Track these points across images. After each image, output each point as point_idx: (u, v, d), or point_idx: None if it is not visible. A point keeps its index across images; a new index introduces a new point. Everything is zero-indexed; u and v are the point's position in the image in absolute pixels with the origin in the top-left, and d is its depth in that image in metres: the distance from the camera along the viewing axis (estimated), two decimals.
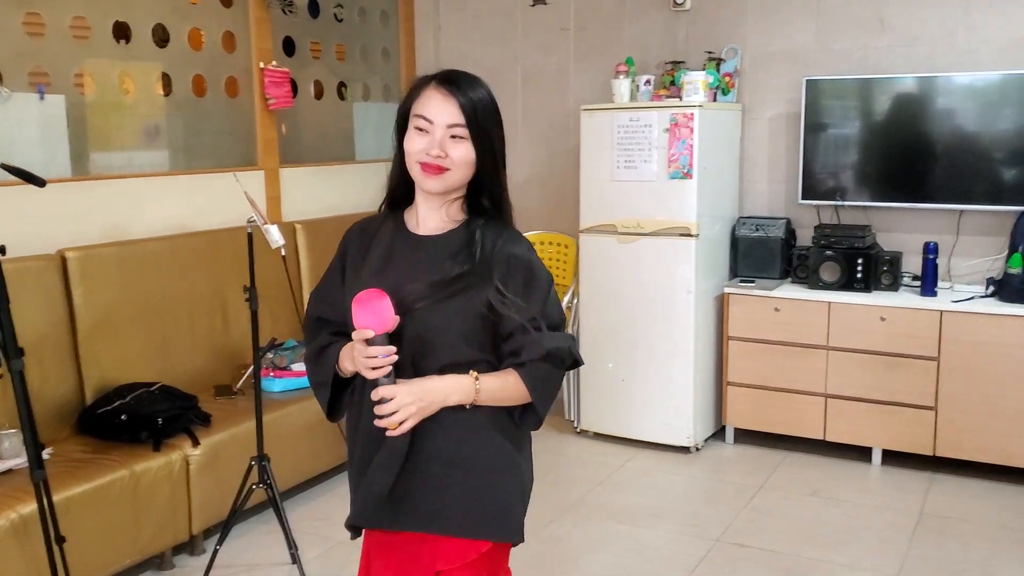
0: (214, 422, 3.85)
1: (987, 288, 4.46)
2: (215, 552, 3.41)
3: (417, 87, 1.87)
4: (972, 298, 4.39)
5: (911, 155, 4.63)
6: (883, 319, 4.44)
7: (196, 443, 3.68)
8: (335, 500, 4.24)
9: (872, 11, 4.75)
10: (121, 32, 4.18)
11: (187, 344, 4.25)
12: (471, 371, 1.84)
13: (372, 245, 1.94)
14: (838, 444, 4.66)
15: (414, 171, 1.85)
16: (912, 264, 4.69)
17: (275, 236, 3.26)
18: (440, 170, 1.82)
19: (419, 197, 1.93)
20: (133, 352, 4.00)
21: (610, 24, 5.39)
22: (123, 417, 3.66)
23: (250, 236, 3.34)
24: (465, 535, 1.87)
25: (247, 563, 3.67)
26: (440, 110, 1.81)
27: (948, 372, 4.33)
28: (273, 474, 3.46)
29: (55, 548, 2.93)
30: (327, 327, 2.00)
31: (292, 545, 3.38)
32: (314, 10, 5.26)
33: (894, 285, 4.59)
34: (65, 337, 3.78)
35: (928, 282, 4.48)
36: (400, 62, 5.90)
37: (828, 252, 4.66)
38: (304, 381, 4.32)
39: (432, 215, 1.92)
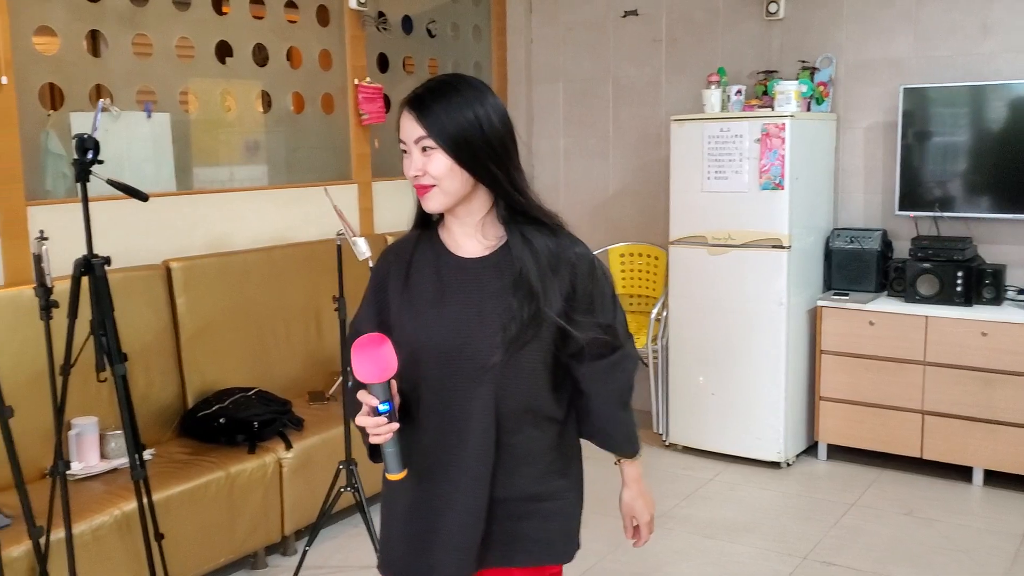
0: (306, 427, 3.98)
1: None
2: (304, 553, 3.52)
3: (399, 115, 1.80)
4: None
5: (1015, 164, 4.48)
6: (984, 334, 4.30)
7: (289, 446, 3.81)
8: None
9: (974, 17, 4.62)
10: (223, 52, 4.37)
11: (283, 351, 4.40)
12: (617, 456, 1.96)
13: (412, 270, 1.83)
14: (936, 463, 4.52)
15: (416, 194, 1.82)
16: (1016, 277, 4.53)
17: (362, 248, 3.35)
18: (426, 189, 1.76)
19: (447, 218, 1.84)
20: (232, 358, 4.16)
21: (702, 34, 5.36)
22: (221, 420, 3.82)
23: (339, 248, 3.44)
24: (546, 563, 1.88)
25: (336, 565, 3.78)
26: (405, 129, 1.76)
27: None
28: (360, 478, 3.55)
29: (154, 545, 3.08)
30: None
31: (378, 548, 3.45)
32: (408, 26, 5.39)
33: (997, 299, 4.44)
34: (169, 343, 3.96)
35: None
36: (492, 76, 5.98)
37: (926, 264, 4.54)
38: None
39: (468, 237, 1.83)
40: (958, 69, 4.67)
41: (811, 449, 4.93)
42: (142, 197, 3.00)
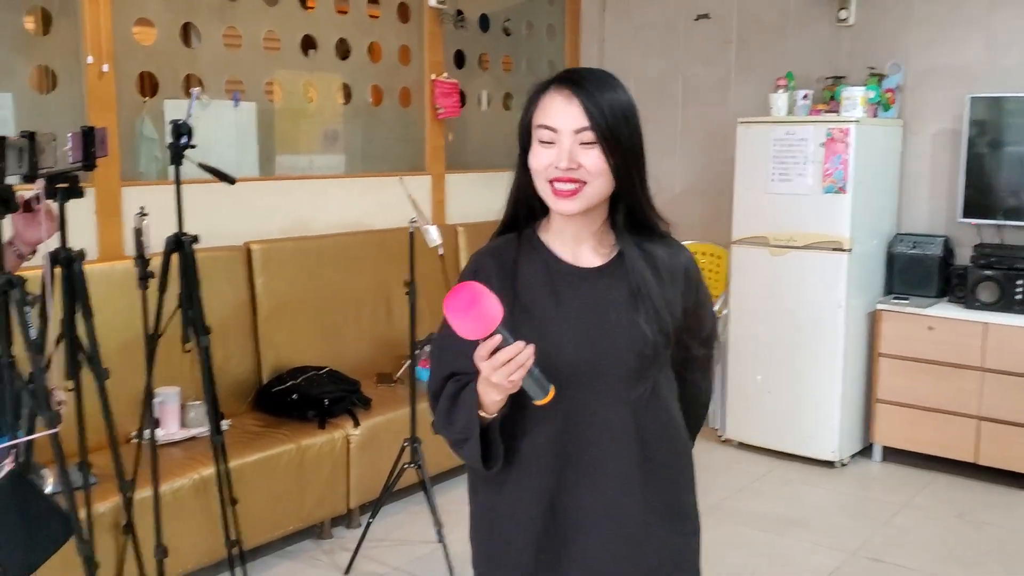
0: (374, 406, 4.16)
1: None
2: (368, 525, 3.70)
3: (535, 94, 1.62)
4: None
5: None
6: None
7: (357, 424, 3.99)
8: None
9: None
10: (308, 45, 4.58)
11: (353, 333, 4.60)
12: None
13: (519, 280, 1.65)
14: (991, 468, 4.55)
15: (544, 192, 1.61)
16: None
17: (433, 236, 3.52)
18: (574, 191, 1.57)
19: (559, 222, 1.66)
20: (305, 337, 4.37)
21: (772, 38, 5.43)
22: (294, 396, 4.02)
23: (411, 236, 3.62)
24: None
25: (397, 539, 3.96)
26: (563, 114, 1.56)
27: None
28: (423, 456, 3.72)
29: (229, 508, 3.29)
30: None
31: (438, 523, 3.62)
32: (484, 24, 5.55)
33: None
34: (247, 321, 4.18)
35: None
36: None
37: (987, 272, 4.56)
38: None
39: (583, 244, 1.68)
40: None
41: (866, 450, 4.98)
42: (230, 180, 3.21)
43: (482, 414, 1.58)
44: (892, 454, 4.91)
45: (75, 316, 2.59)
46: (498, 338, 1.45)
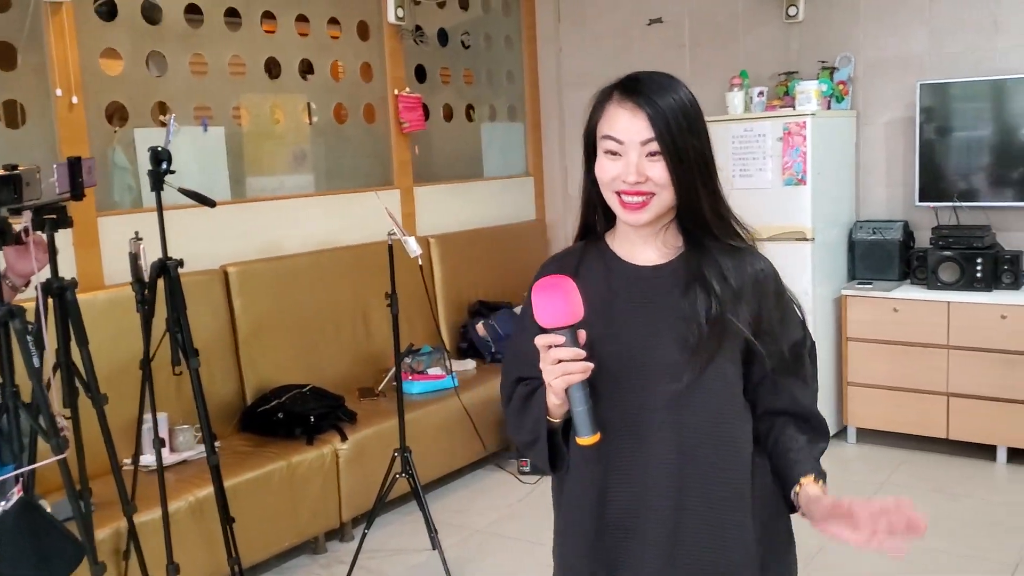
0: (359, 420, 4.21)
1: None
2: (364, 535, 3.74)
3: (599, 103, 1.62)
4: None
5: None
6: (1004, 317, 4.47)
7: (344, 438, 4.04)
8: (469, 494, 4.55)
9: (986, 13, 4.80)
10: (272, 68, 4.62)
11: (333, 350, 4.64)
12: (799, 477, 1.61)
13: (578, 278, 1.59)
14: (962, 443, 4.69)
15: (612, 203, 1.59)
16: None
17: (413, 246, 3.58)
18: (642, 204, 1.56)
19: (625, 227, 1.65)
20: (286, 357, 4.41)
21: (724, 39, 5.57)
22: (280, 415, 4.06)
23: (390, 247, 3.68)
24: None
25: (392, 548, 4.00)
26: (628, 127, 1.55)
27: None
28: (414, 464, 3.77)
29: (228, 527, 3.32)
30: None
31: (432, 529, 3.67)
32: (443, 39, 5.63)
33: (1015, 284, 4.61)
34: (228, 344, 4.21)
35: None
36: (524, 83, 6.22)
37: (946, 253, 4.71)
38: (440, 383, 4.66)
39: (645, 245, 1.65)
40: (972, 64, 4.85)
41: (840, 433, 5.11)
42: (210, 203, 3.25)
43: (549, 419, 1.59)
44: (866, 435, 5.04)
45: (69, 344, 2.62)
46: (561, 338, 1.45)
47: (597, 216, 1.70)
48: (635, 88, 1.57)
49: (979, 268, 4.63)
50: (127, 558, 3.11)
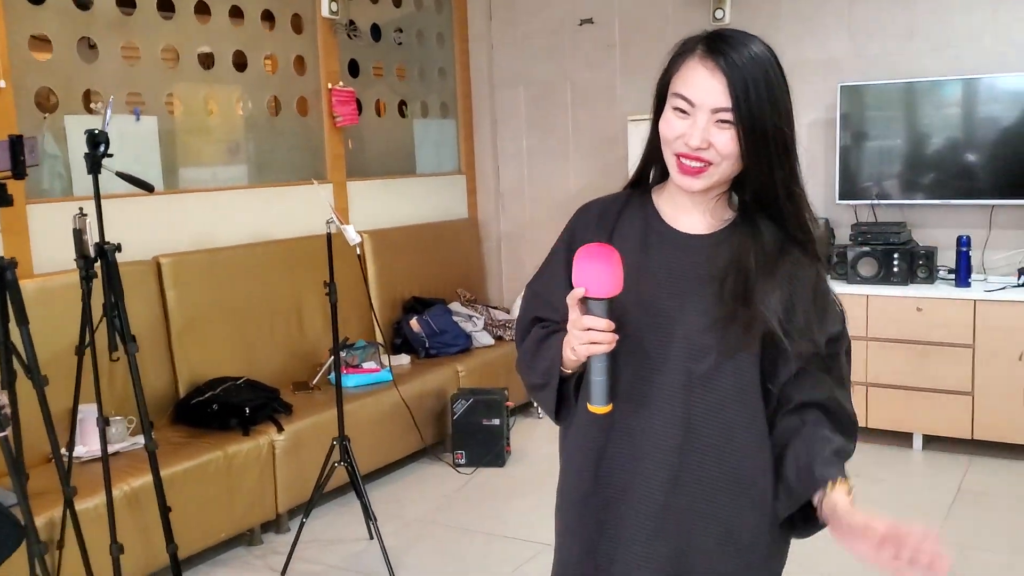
0: (295, 412, 4.20)
1: (1019, 278, 4.67)
2: (301, 524, 3.73)
3: (679, 55, 1.53)
4: (1004, 288, 4.61)
5: (944, 154, 4.87)
6: (919, 310, 4.67)
7: (280, 429, 4.02)
8: (405, 485, 4.57)
9: (903, 18, 5.01)
10: (206, 59, 4.59)
11: (267, 343, 4.62)
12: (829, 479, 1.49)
13: (616, 231, 1.60)
14: (880, 430, 4.87)
15: (669, 162, 1.52)
16: (947, 258, 4.91)
17: (351, 234, 3.60)
18: (700, 170, 1.48)
19: (674, 189, 1.58)
20: (220, 349, 4.37)
21: (653, 39, 5.69)
22: (214, 406, 4.02)
23: (329, 236, 3.68)
24: None
25: (329, 539, 4.00)
26: (704, 90, 1.46)
27: (983, 358, 4.54)
28: (353, 454, 3.78)
29: (164, 515, 3.28)
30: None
31: (372, 517, 3.68)
32: (376, 34, 5.65)
33: (930, 278, 4.81)
34: (161, 335, 4.16)
35: (962, 274, 4.70)
36: (456, 80, 6.26)
37: (865, 249, 4.90)
38: (375, 376, 4.68)
39: (692, 211, 1.58)
40: (889, 67, 5.06)
41: None
42: (148, 188, 3.22)
43: (562, 368, 1.55)
44: None
45: (8, 325, 2.58)
46: (589, 303, 1.42)
47: (652, 171, 1.64)
48: (719, 49, 1.46)
49: (896, 263, 4.82)
50: (61, 547, 3.06)
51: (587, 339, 1.42)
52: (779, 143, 1.50)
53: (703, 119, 1.46)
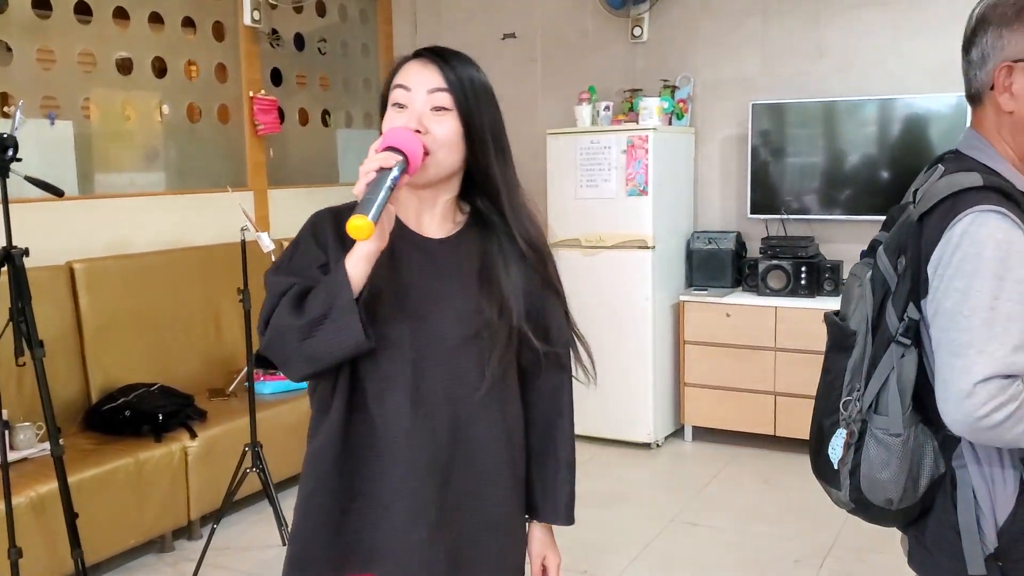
0: (209, 419, 4.19)
1: None
2: (212, 531, 3.73)
3: (398, 64, 1.61)
4: None
5: (851, 171, 5.06)
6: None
7: (193, 436, 4.02)
8: None
9: (812, 40, 5.20)
10: (124, 64, 4.57)
11: (183, 350, 4.60)
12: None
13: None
14: (788, 439, 5.03)
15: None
16: None
17: (266, 242, 3.63)
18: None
19: (406, 193, 1.61)
20: (134, 356, 4.35)
21: (574, 55, 5.82)
22: (127, 413, 4.00)
23: (243, 243, 3.70)
24: None
25: (241, 546, 4.00)
26: (418, 74, 1.54)
27: None
28: (265, 459, 3.80)
29: (72, 522, 3.27)
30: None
31: (284, 524, 3.71)
32: (299, 44, 5.68)
33: (836, 291, 4.99)
34: (73, 341, 4.13)
35: None
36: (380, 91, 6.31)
37: (775, 262, 5.06)
38: (292, 383, 4.69)
39: (429, 214, 1.64)
40: (799, 87, 5.25)
41: (679, 431, 5.40)
42: (58, 193, 3.22)
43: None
44: (702, 432, 5.34)
45: None
46: (393, 159, 1.45)
47: None
48: (434, 50, 1.59)
49: (804, 276, 4.99)
50: None
51: (378, 159, 1.44)
52: (497, 140, 1.60)
53: (420, 101, 1.53)
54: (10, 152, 3.03)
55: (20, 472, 3.54)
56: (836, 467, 1.74)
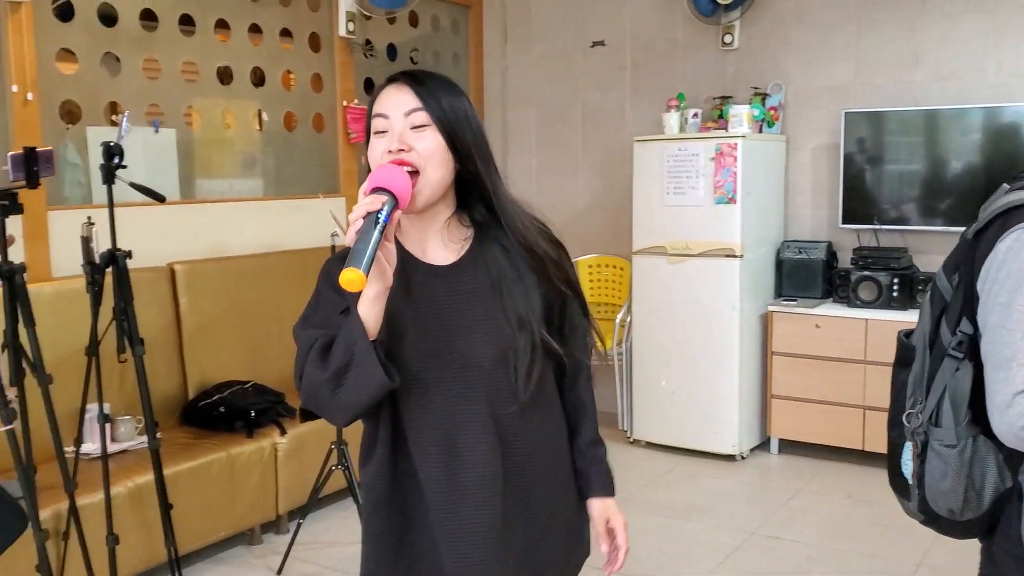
0: (298, 416, 4.33)
1: None
2: (298, 525, 3.86)
3: (375, 93, 1.64)
4: None
5: (944, 181, 4.94)
6: None
7: (283, 432, 4.16)
8: None
9: (908, 48, 5.10)
10: (224, 75, 4.76)
11: (276, 349, 4.75)
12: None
13: None
14: (877, 454, 4.93)
15: None
16: None
17: None
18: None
19: (405, 219, 1.62)
20: (229, 354, 4.51)
21: (663, 63, 5.81)
22: (221, 409, 4.17)
23: (333, 248, 3.82)
24: None
25: (326, 541, 4.12)
26: (393, 100, 1.58)
27: None
28: (351, 457, 3.90)
29: (165, 512, 3.43)
30: None
31: None
32: (392, 53, 5.81)
33: None
34: (172, 339, 4.32)
35: None
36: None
37: (866, 272, 4.97)
38: None
39: (434, 240, 1.67)
40: (894, 95, 5.14)
41: (764, 444, 5.34)
42: (160, 198, 3.38)
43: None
44: (788, 446, 5.27)
45: (17, 326, 2.73)
46: (383, 197, 1.46)
47: None
48: (403, 74, 1.62)
49: (896, 288, 4.89)
50: (67, 539, 3.20)
51: (364, 204, 1.45)
52: (480, 146, 1.62)
53: (398, 125, 1.56)
54: (116, 160, 3.19)
55: (120, 463, 3.72)
56: (910, 479, 1.77)
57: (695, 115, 5.30)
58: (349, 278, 1.38)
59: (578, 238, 6.14)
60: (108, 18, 4.23)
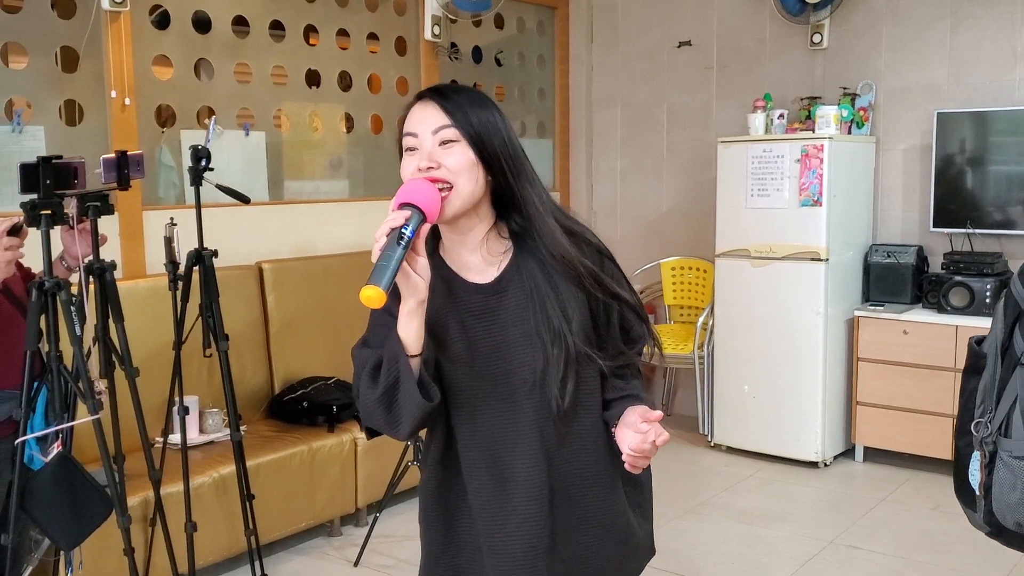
0: None
1: None
2: (375, 518, 3.95)
3: (405, 111, 1.66)
4: None
5: None
6: None
7: (363, 428, 4.25)
8: None
9: (1006, 46, 4.93)
10: (312, 79, 4.89)
11: None
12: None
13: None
14: None
15: None
16: None
17: None
18: (443, 196, 1.57)
19: (448, 237, 1.67)
20: (314, 350, 4.64)
21: (751, 63, 5.74)
22: (304, 404, 4.30)
23: None
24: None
25: (402, 535, 4.20)
26: (421, 118, 1.60)
27: None
28: None
29: (248, 502, 3.55)
30: None
31: None
32: (477, 56, 5.88)
33: None
34: (259, 335, 4.46)
35: None
36: (555, 101, 6.44)
37: (958, 278, 4.83)
38: None
39: (472, 255, 1.68)
40: (991, 95, 4.98)
41: (849, 451, 5.23)
42: (245, 200, 3.50)
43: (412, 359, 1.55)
44: (873, 454, 5.15)
45: (108, 321, 2.87)
46: (408, 212, 1.49)
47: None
48: (432, 89, 1.65)
49: (988, 294, 4.74)
50: (154, 524, 3.35)
51: (388, 221, 1.49)
52: (510, 158, 1.62)
53: (428, 142, 1.58)
54: (203, 162, 3.32)
55: (207, 454, 3.87)
56: (977, 490, 1.72)
57: (781, 116, 5.23)
58: (368, 295, 1.41)
59: (661, 240, 6.12)
60: (202, 25, 4.39)
